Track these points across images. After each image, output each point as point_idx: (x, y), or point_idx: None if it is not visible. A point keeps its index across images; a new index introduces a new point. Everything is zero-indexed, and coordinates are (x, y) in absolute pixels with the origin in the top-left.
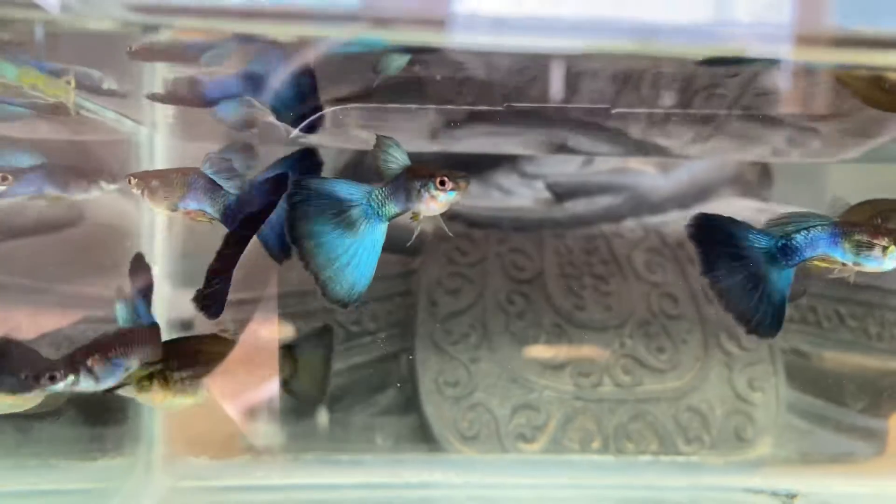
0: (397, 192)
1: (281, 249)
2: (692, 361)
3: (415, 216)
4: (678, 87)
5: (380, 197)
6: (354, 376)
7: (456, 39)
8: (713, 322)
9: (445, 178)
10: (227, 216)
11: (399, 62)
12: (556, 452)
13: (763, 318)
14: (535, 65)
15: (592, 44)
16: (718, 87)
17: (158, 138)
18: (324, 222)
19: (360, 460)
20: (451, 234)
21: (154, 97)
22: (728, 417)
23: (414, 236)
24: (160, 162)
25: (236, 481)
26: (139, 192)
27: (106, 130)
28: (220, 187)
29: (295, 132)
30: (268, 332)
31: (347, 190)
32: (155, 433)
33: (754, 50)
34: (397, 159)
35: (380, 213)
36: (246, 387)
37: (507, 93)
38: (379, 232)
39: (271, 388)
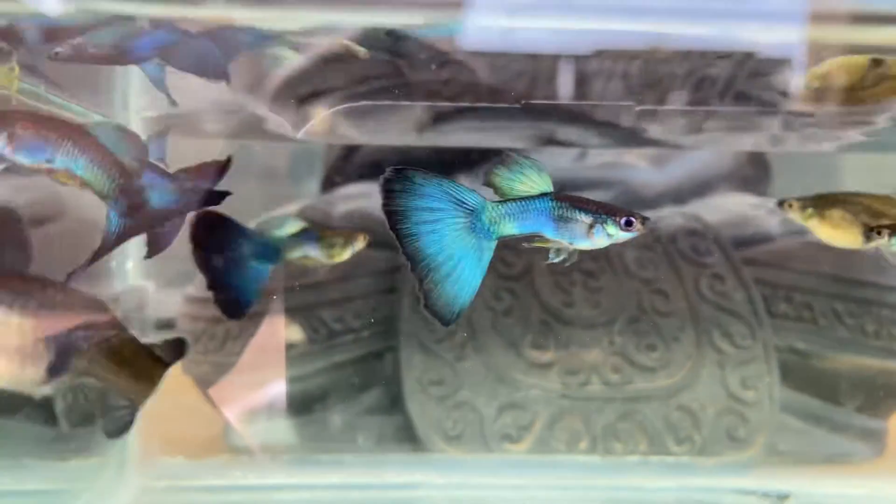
0: (527, 215)
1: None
2: (683, 359)
3: (540, 241)
4: (670, 75)
5: (495, 213)
6: (336, 375)
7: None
8: (705, 319)
9: (633, 219)
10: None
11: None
12: (542, 452)
13: None
14: (531, 63)
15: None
16: (710, 70)
17: None
18: (428, 224)
19: (341, 460)
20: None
21: (59, 56)
22: (720, 417)
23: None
24: None
25: (212, 481)
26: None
27: None
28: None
29: (303, 130)
30: (273, 330)
31: (459, 193)
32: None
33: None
34: (533, 181)
35: (490, 228)
36: (248, 388)
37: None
38: (486, 249)
39: (276, 387)
